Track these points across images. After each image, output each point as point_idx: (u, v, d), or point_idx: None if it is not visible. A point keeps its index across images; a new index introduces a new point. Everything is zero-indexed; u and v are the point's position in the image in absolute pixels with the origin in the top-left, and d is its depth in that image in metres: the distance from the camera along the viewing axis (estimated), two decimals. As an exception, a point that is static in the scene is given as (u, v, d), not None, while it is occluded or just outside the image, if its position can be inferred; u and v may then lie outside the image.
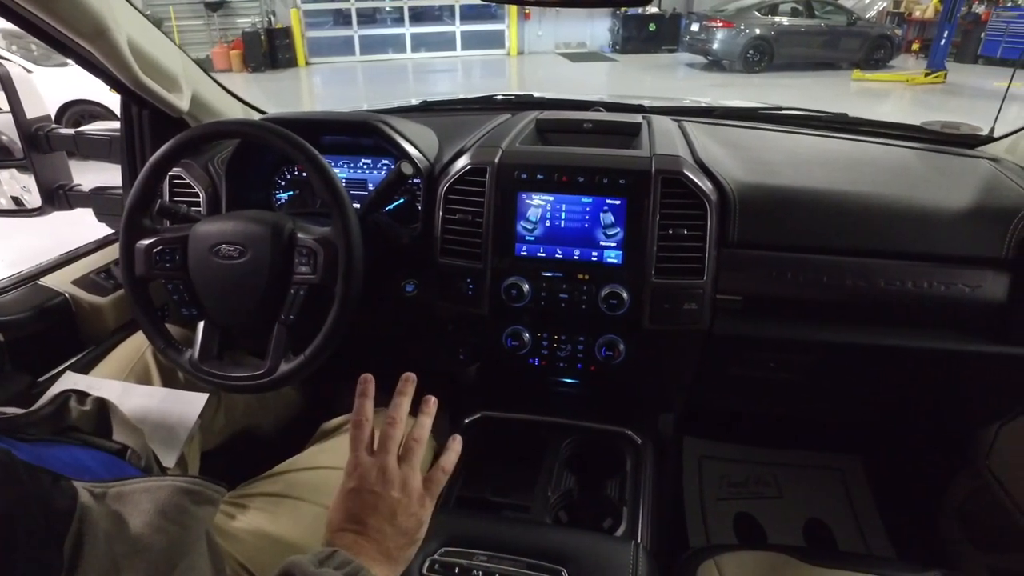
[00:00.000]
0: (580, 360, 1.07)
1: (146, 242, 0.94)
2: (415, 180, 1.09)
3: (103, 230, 1.37)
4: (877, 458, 1.48)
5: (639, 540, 0.78)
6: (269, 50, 11.59)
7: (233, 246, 0.90)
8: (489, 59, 13.25)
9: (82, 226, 1.43)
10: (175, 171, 1.16)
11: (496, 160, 1.02)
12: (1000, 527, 1.13)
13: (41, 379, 1.00)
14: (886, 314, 0.98)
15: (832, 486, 1.46)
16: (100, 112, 5.87)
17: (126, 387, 0.97)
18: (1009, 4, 10.90)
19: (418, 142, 1.11)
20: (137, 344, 1.06)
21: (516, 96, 1.50)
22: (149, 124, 1.20)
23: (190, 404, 0.96)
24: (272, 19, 11.95)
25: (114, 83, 1.10)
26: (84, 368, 1.04)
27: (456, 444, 0.68)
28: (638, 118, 1.21)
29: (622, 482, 0.90)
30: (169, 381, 1.04)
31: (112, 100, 5.95)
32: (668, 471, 1.25)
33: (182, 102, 1.12)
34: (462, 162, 1.05)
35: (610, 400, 1.09)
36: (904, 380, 1.10)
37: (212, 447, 1.10)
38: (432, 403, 0.70)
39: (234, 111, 1.34)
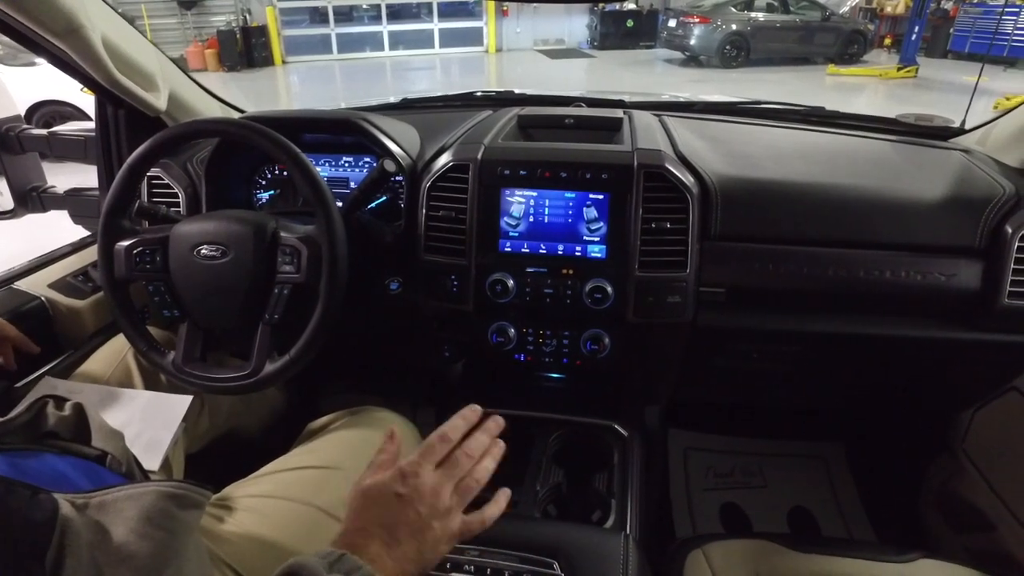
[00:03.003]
0: (566, 355, 1.07)
1: (125, 244, 0.92)
2: (397, 178, 1.09)
3: (78, 232, 1.34)
4: (858, 446, 1.51)
5: (627, 531, 0.78)
6: (245, 49, 11.41)
7: (215, 246, 0.89)
8: (468, 56, 13.20)
9: (56, 229, 1.40)
10: (153, 171, 1.14)
11: (479, 156, 1.02)
12: (976, 509, 1.16)
13: (18, 385, 0.98)
14: (866, 303, 1.00)
15: (815, 474, 1.48)
16: (71, 113, 5.74)
17: (107, 391, 0.96)
18: (975, 0, 11.13)
19: (400, 139, 1.10)
20: (117, 347, 1.05)
21: (497, 93, 1.50)
22: (125, 124, 1.18)
23: (174, 407, 0.95)
24: (247, 17, 11.78)
25: (88, 82, 1.08)
26: (63, 373, 1.02)
27: (504, 498, 0.67)
28: (619, 113, 1.21)
29: (610, 475, 0.91)
30: (151, 384, 1.02)
31: (84, 100, 5.82)
32: (654, 463, 1.27)
33: (159, 101, 1.10)
34: (444, 159, 1.04)
35: (596, 394, 1.10)
36: (884, 367, 1.12)
37: (196, 450, 1.08)
38: (499, 448, 0.69)
39: (212, 110, 1.33)
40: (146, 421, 0.92)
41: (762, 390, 1.26)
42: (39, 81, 5.45)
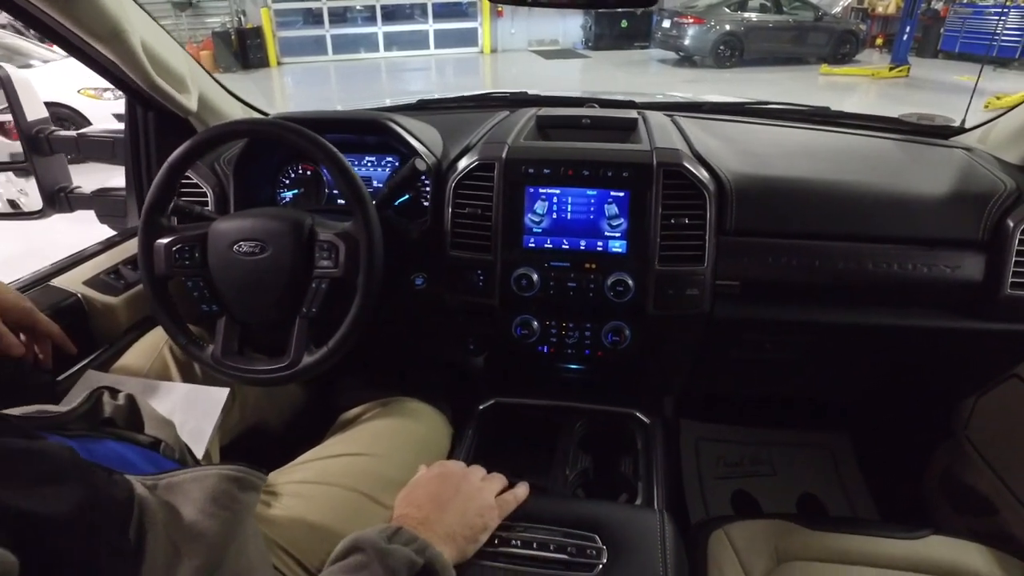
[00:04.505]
0: (587, 346, 1.11)
1: (164, 241, 0.96)
2: (422, 176, 1.13)
3: (72, 234, 1.36)
4: (863, 435, 1.56)
5: (657, 508, 0.83)
6: (240, 50, 11.41)
7: (253, 242, 0.93)
8: (463, 57, 13.24)
9: (54, 232, 1.43)
10: None
11: (503, 156, 1.06)
12: (979, 493, 1.20)
13: (60, 378, 1.01)
14: (874, 295, 1.04)
15: (822, 462, 1.53)
16: (69, 115, 5.74)
17: (148, 384, 0.99)
18: (965, 0, 11.26)
19: (425, 139, 1.14)
20: (153, 341, 1.08)
21: (511, 94, 1.53)
22: (154, 125, 1.21)
23: (213, 398, 0.99)
24: (242, 19, 11.77)
25: (120, 84, 1.11)
26: (101, 367, 1.05)
27: (524, 489, 0.79)
28: (633, 114, 1.25)
29: (635, 460, 0.95)
30: (188, 377, 1.05)
31: (81, 103, 5.82)
32: (670, 451, 1.31)
33: (191, 102, 1.14)
34: (471, 158, 1.08)
35: (614, 385, 1.14)
36: (891, 356, 1.17)
37: (226, 442, 1.11)
38: (524, 489, 0.79)
39: (235, 111, 1.36)
40: (187, 412, 0.95)
41: (774, 380, 1.30)
42: (38, 83, 5.42)
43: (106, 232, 1.38)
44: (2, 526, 0.38)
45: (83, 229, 1.38)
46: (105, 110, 5.70)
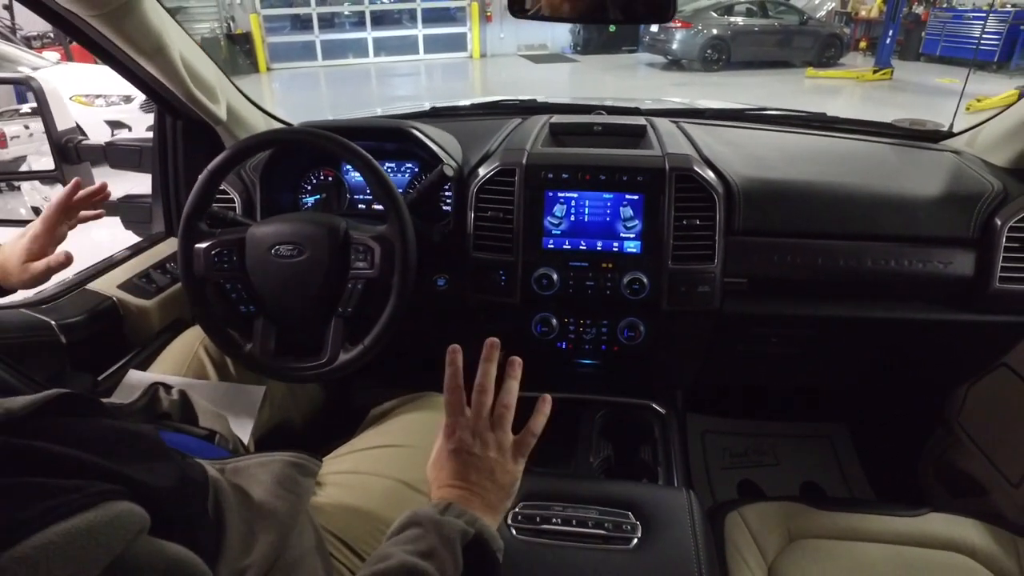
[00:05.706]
0: (604, 342, 1.16)
1: (203, 245, 1.00)
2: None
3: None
4: (862, 425, 1.63)
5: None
6: (229, 56, 11.39)
7: (291, 246, 0.97)
8: (452, 62, 13.28)
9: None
10: None
11: (524, 162, 1.12)
12: (971, 476, 1.27)
13: (101, 377, 1.05)
14: (874, 289, 1.11)
15: (822, 452, 1.60)
16: (65, 124, 5.70)
17: (188, 382, 1.03)
18: (944, 5, 11.51)
19: (446, 146, 1.19)
20: (188, 342, 1.12)
21: (520, 101, 1.59)
22: (182, 134, 1.26)
23: (250, 395, 1.04)
24: (231, 24, 11.74)
25: (153, 94, 1.16)
26: (138, 367, 1.09)
27: (545, 407, 0.72)
28: (642, 120, 1.32)
29: (653, 448, 1.01)
30: (223, 376, 1.10)
31: (74, 110, 5.80)
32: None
33: (222, 112, 1.18)
34: (492, 164, 1.13)
35: (627, 380, 1.19)
36: (889, 348, 1.23)
37: (256, 438, 1.16)
38: (517, 365, 0.72)
39: (258, 119, 1.40)
40: (227, 409, 1.00)
41: (779, 373, 1.36)
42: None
43: (91, 237, 1.41)
44: (129, 491, 0.42)
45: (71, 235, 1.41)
46: (97, 117, 5.68)
